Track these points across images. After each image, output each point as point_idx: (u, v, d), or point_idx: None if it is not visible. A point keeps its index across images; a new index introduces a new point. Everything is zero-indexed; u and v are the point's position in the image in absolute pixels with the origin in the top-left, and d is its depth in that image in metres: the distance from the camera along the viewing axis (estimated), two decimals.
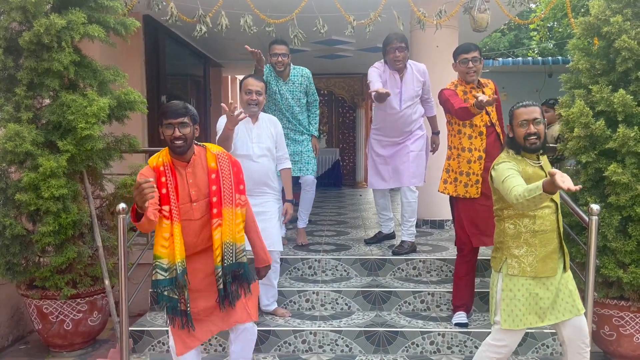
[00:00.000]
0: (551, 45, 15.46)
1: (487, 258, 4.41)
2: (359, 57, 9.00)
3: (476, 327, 3.73)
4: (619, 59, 3.57)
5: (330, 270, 4.50)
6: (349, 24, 4.77)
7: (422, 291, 4.11)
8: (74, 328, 3.93)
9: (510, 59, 12.13)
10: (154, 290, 2.65)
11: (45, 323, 3.90)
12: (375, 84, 4.20)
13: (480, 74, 3.77)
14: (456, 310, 3.84)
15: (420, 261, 4.49)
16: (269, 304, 3.91)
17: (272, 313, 3.92)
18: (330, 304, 4.11)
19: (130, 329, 3.67)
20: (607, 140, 3.55)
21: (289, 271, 4.49)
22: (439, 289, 4.14)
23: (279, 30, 4.83)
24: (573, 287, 2.79)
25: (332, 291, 4.12)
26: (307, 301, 4.12)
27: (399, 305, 4.08)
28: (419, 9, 4.86)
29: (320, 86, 10.41)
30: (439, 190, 3.92)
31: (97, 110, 3.63)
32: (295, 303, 4.11)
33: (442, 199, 5.60)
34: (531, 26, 15.09)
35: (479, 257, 3.96)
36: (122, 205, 3.37)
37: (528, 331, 3.66)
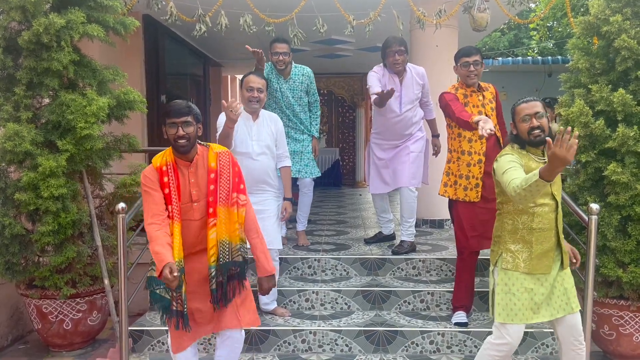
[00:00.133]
0: (551, 45, 15.47)
1: (487, 258, 4.41)
2: (359, 57, 9.00)
3: (476, 327, 3.73)
4: (618, 58, 3.57)
5: (330, 269, 4.50)
6: (348, 24, 4.77)
7: (421, 291, 4.11)
8: (73, 328, 3.93)
9: (510, 58, 12.14)
10: (147, 288, 2.65)
11: (45, 323, 3.90)
12: (374, 88, 4.20)
13: (480, 77, 3.76)
14: (455, 310, 3.84)
15: (420, 261, 4.48)
16: (269, 303, 3.90)
17: (271, 312, 3.92)
18: (330, 303, 4.11)
19: (130, 328, 3.67)
20: (606, 139, 3.55)
21: (289, 271, 4.49)
22: (439, 288, 4.14)
23: (278, 29, 4.82)
24: (569, 285, 2.79)
25: (331, 291, 4.11)
26: (307, 301, 4.11)
27: (399, 305, 4.08)
28: (418, 8, 4.85)
29: (320, 86, 10.40)
30: (439, 194, 3.93)
31: (96, 110, 3.63)
32: (294, 302, 4.11)
33: (442, 198, 5.61)
34: (531, 25, 15.09)
35: (478, 257, 3.96)
36: (121, 205, 3.37)
37: (528, 330, 3.66)
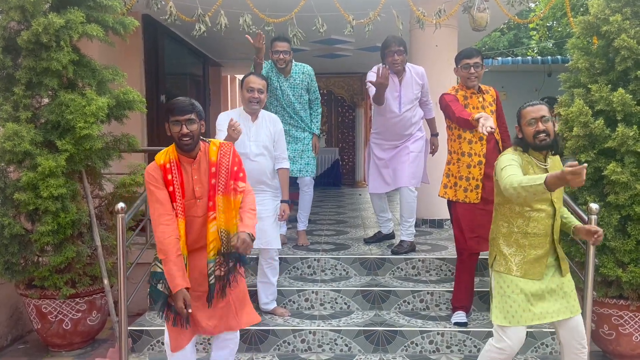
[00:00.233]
0: (550, 45, 15.46)
1: (485, 257, 4.41)
2: (359, 57, 8.99)
3: (475, 327, 3.73)
4: (618, 58, 3.57)
5: (330, 269, 4.50)
6: (348, 23, 4.77)
7: (421, 290, 4.10)
8: (73, 327, 3.93)
9: (510, 58, 12.14)
10: (149, 282, 2.67)
11: (44, 323, 3.90)
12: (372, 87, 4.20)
13: (481, 79, 3.73)
14: (455, 310, 3.84)
15: (420, 260, 4.48)
16: (268, 303, 3.90)
17: (271, 312, 3.92)
18: (329, 303, 4.11)
19: (129, 328, 3.67)
20: (606, 139, 3.55)
21: (288, 270, 4.49)
22: (438, 288, 4.14)
23: (278, 29, 4.82)
24: (569, 290, 2.78)
25: (331, 290, 4.11)
26: (307, 300, 4.11)
27: (398, 305, 4.08)
28: (418, 8, 4.85)
29: (319, 85, 10.30)
30: (439, 195, 3.92)
31: (95, 110, 3.62)
32: (294, 302, 4.11)
33: (441, 198, 5.62)
34: (530, 25, 15.09)
35: (479, 257, 3.96)
36: (120, 205, 3.37)
37: (527, 330, 3.65)
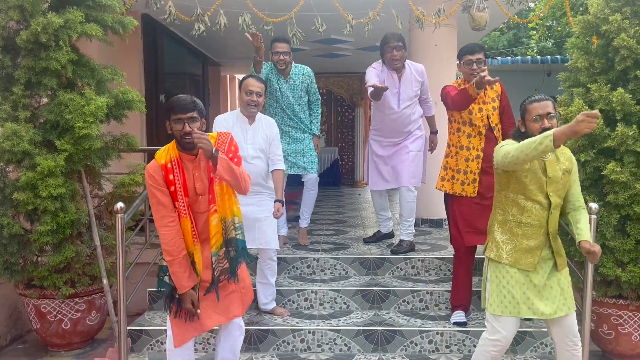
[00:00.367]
0: (550, 44, 15.47)
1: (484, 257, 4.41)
2: (358, 56, 8.99)
3: (475, 326, 3.72)
4: (617, 57, 3.57)
5: (329, 269, 4.49)
6: (347, 23, 4.76)
7: (420, 290, 4.10)
8: (72, 327, 3.92)
9: (509, 57, 12.15)
10: (158, 276, 2.69)
11: (44, 322, 3.89)
12: (371, 80, 4.20)
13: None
14: (454, 310, 3.84)
15: (419, 260, 4.48)
16: (267, 303, 3.90)
17: (270, 312, 3.92)
18: (328, 303, 4.11)
19: (129, 328, 3.67)
20: (605, 138, 3.55)
21: (288, 270, 4.49)
22: (438, 288, 4.14)
23: (277, 29, 4.81)
24: (566, 286, 2.78)
25: (330, 290, 4.11)
26: (306, 300, 4.11)
27: (398, 305, 4.08)
28: (417, 7, 4.85)
29: (319, 85, 10.31)
30: (436, 188, 3.92)
31: (95, 109, 3.62)
32: (294, 302, 4.11)
33: (441, 198, 5.61)
34: (530, 25, 15.10)
35: (476, 256, 3.96)
36: (120, 205, 3.36)
37: (526, 330, 3.66)
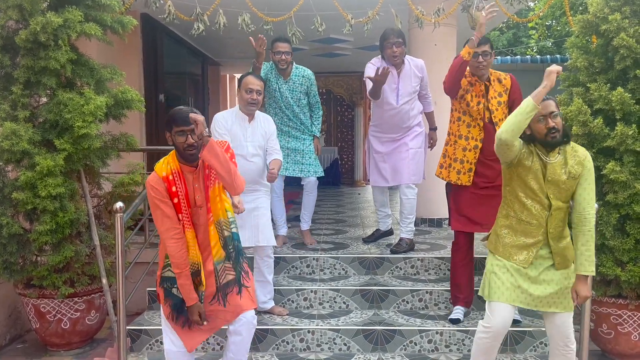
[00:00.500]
0: (550, 44, 15.47)
1: (485, 257, 4.41)
2: (357, 56, 8.99)
3: (474, 326, 3.71)
4: (617, 57, 3.56)
5: (329, 268, 4.49)
6: (347, 22, 4.76)
7: (420, 290, 4.10)
8: (71, 327, 3.92)
9: (509, 57, 12.15)
10: (161, 286, 2.68)
11: (43, 322, 3.89)
12: (369, 74, 4.21)
13: (489, 67, 3.68)
14: (454, 304, 3.85)
15: (419, 260, 4.48)
16: (266, 302, 3.88)
17: (269, 311, 3.90)
18: (328, 302, 4.10)
19: (128, 328, 3.66)
20: (605, 138, 3.55)
21: (287, 270, 4.49)
22: (437, 287, 4.14)
23: (276, 28, 4.81)
24: (564, 286, 2.77)
25: (330, 290, 4.11)
26: (305, 300, 4.11)
27: (397, 304, 4.08)
28: (417, 7, 4.84)
29: (318, 85, 10.30)
30: (435, 174, 3.96)
31: (94, 109, 3.62)
32: (293, 302, 4.11)
33: (441, 197, 5.60)
34: (530, 24, 15.10)
35: (477, 256, 3.96)
36: (119, 204, 3.36)
37: (526, 329, 3.66)
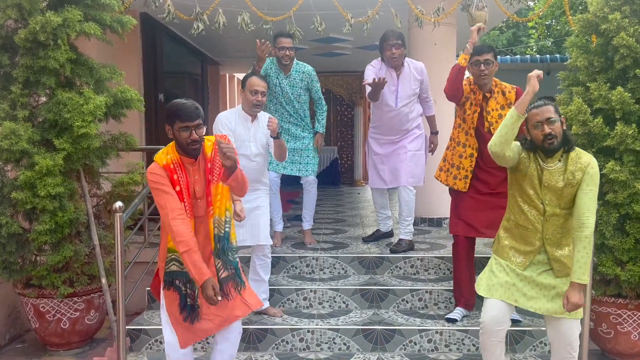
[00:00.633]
0: (549, 43, 15.47)
1: (486, 256, 4.41)
2: (357, 55, 8.98)
3: (474, 325, 3.72)
4: (617, 56, 3.56)
5: (328, 268, 4.49)
6: (346, 22, 4.76)
7: (419, 289, 4.10)
8: (70, 327, 3.92)
9: (509, 56, 12.14)
10: (166, 280, 2.66)
11: (42, 322, 3.89)
12: (369, 80, 4.20)
13: (492, 76, 3.63)
14: (456, 304, 3.87)
15: (418, 259, 4.48)
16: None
17: (263, 312, 3.89)
18: (327, 302, 4.10)
19: (127, 327, 3.66)
20: (605, 137, 3.55)
21: (287, 269, 4.48)
22: (437, 287, 4.14)
23: (276, 28, 4.81)
24: (563, 292, 2.74)
25: (329, 289, 4.11)
26: (305, 299, 4.11)
27: (397, 304, 4.08)
28: (416, 6, 4.84)
29: None
30: (434, 176, 3.98)
31: (93, 109, 3.61)
32: (292, 301, 4.11)
33: (440, 197, 5.62)
34: (529, 24, 15.09)
35: (477, 256, 3.96)
36: (118, 204, 3.35)
37: (526, 329, 3.66)
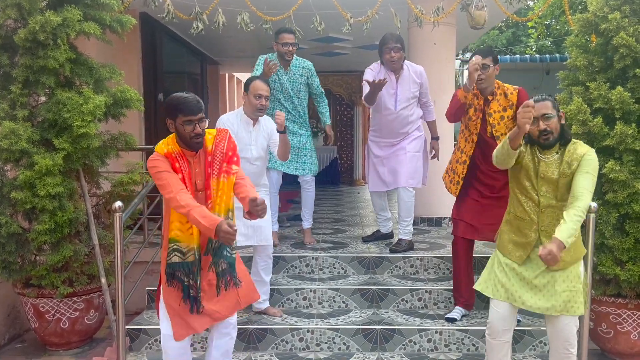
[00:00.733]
0: (549, 43, 15.48)
1: (486, 256, 4.41)
2: (357, 55, 8.98)
3: (474, 325, 3.72)
4: (616, 56, 3.56)
5: (328, 268, 4.49)
6: (346, 22, 4.76)
7: (419, 289, 4.10)
8: (70, 326, 3.91)
9: (508, 56, 12.16)
10: (168, 271, 2.63)
11: (42, 322, 3.88)
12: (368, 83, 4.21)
13: (490, 80, 3.57)
14: (455, 304, 3.87)
15: (418, 259, 4.48)
16: (261, 301, 3.87)
17: (263, 312, 3.89)
18: (327, 301, 4.10)
19: (127, 327, 3.66)
20: (604, 137, 3.55)
21: (286, 269, 4.48)
22: (436, 286, 4.14)
23: (275, 27, 4.81)
24: (560, 289, 2.74)
25: (329, 289, 4.11)
26: (305, 299, 4.11)
27: (397, 303, 4.08)
28: (416, 6, 4.84)
29: None
30: (442, 177, 4.01)
31: (93, 108, 3.61)
32: (292, 301, 4.11)
33: (440, 197, 5.62)
34: (529, 24, 15.09)
35: (476, 255, 3.96)
36: (118, 204, 3.35)
37: (525, 328, 3.66)
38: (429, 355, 3.63)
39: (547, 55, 11.26)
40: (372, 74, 4.36)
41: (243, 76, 13.13)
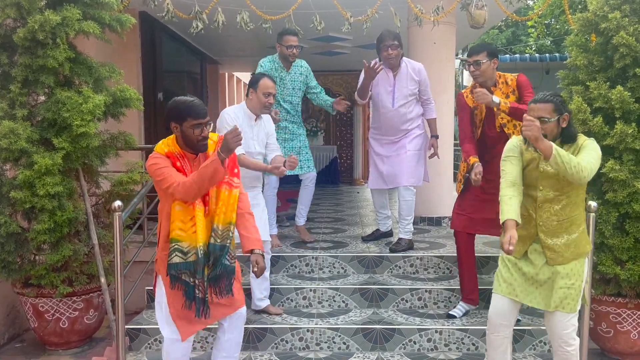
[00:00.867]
0: (549, 42, 15.48)
1: (487, 256, 4.41)
2: (356, 54, 8.96)
3: (474, 325, 3.72)
4: (616, 55, 3.56)
5: (328, 267, 4.49)
6: (346, 21, 4.76)
7: (419, 288, 4.10)
8: (70, 326, 3.91)
9: (508, 56, 12.16)
10: (170, 273, 2.61)
11: (41, 321, 3.88)
12: (364, 78, 4.22)
13: (484, 76, 3.57)
14: (462, 300, 3.89)
15: (418, 258, 4.48)
16: (262, 299, 3.86)
17: (264, 310, 3.88)
18: (327, 301, 4.10)
19: (127, 327, 3.65)
20: (604, 136, 3.54)
21: (286, 268, 4.48)
22: (436, 286, 4.14)
23: (275, 26, 4.81)
24: (558, 286, 2.75)
25: (329, 288, 4.11)
26: (304, 298, 4.11)
27: (396, 303, 4.08)
28: (416, 5, 4.84)
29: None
30: None
31: (92, 108, 3.61)
32: (292, 300, 4.10)
33: (440, 196, 5.62)
34: (529, 23, 15.09)
35: (478, 255, 3.96)
36: (117, 203, 3.35)
37: (525, 328, 3.66)
38: (429, 355, 3.63)
39: (547, 55, 11.26)
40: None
41: (243, 75, 13.12)
